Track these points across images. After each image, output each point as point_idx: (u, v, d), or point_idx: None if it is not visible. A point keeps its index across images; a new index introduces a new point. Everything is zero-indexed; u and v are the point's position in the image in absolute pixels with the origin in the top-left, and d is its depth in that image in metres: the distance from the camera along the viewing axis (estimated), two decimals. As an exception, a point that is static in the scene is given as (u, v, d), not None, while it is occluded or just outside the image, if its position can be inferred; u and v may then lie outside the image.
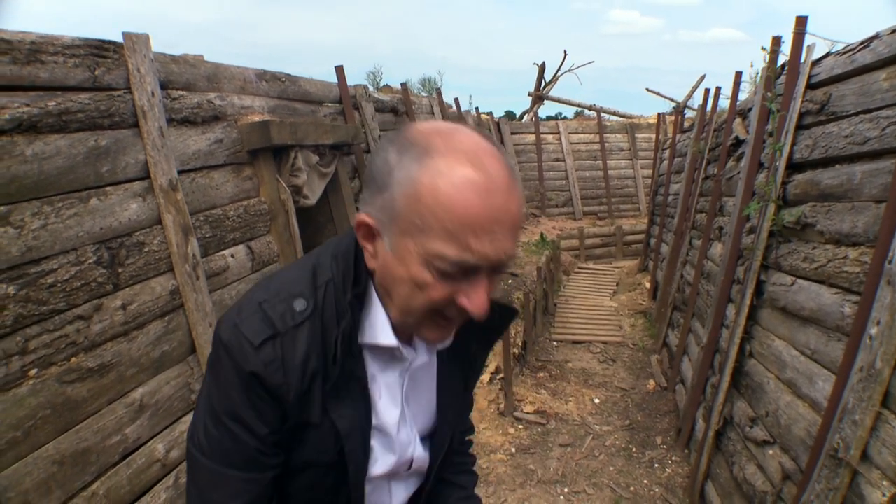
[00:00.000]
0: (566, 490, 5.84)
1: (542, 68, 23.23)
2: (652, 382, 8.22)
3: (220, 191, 4.34)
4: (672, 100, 23.27)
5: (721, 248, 6.40)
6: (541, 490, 5.86)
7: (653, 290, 11.87)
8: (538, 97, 23.33)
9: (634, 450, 6.54)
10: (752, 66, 7.45)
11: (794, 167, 4.55)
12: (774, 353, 4.33)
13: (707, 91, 9.70)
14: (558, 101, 23.34)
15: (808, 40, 4.83)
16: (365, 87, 7.76)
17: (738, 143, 6.63)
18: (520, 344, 8.32)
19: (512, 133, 19.15)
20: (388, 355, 1.51)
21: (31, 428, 2.68)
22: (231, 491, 1.41)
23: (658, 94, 23.89)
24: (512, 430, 7.01)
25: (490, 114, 17.63)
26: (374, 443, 1.53)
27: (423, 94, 12.43)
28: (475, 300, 1.30)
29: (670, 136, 13.32)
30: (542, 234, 15.06)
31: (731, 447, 4.79)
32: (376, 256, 1.38)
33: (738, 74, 7.62)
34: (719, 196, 7.10)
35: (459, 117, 13.29)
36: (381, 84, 11.23)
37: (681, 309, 8.38)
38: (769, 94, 5.02)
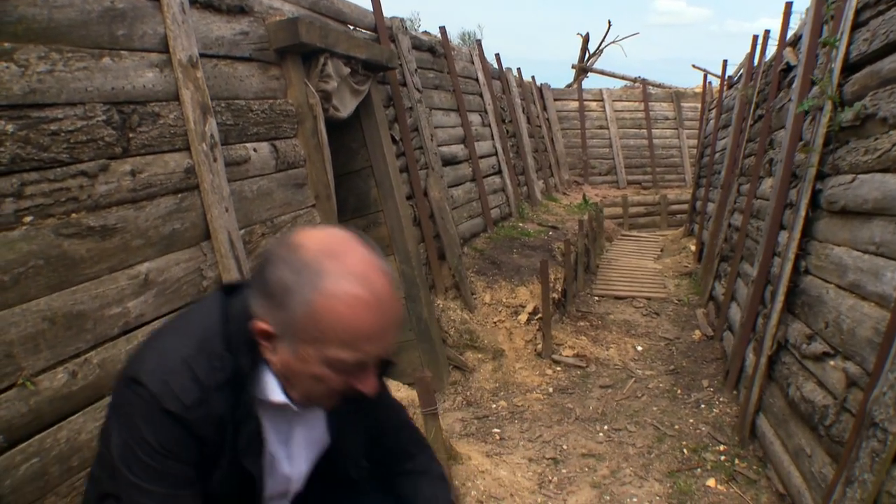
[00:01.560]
0: (606, 427, 5.58)
1: (586, 39, 22.81)
2: (698, 332, 7.91)
3: (245, 83, 4.12)
4: (718, 76, 22.74)
5: (771, 181, 6.06)
6: (579, 427, 5.60)
7: (698, 253, 11.51)
8: (581, 69, 22.92)
9: (679, 392, 6.25)
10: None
11: (850, 69, 4.25)
12: (833, 260, 4.02)
13: (755, 37, 9.29)
14: (602, 73, 22.88)
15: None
16: (402, 20, 7.50)
17: (789, 69, 6.29)
18: (559, 290, 8.04)
19: (555, 100, 18.79)
20: (277, 407, 1.71)
21: (20, 275, 2.46)
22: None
23: (705, 70, 23.33)
24: (550, 372, 6.75)
25: (532, 78, 17.21)
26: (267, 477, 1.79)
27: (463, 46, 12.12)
28: (368, 385, 1.60)
29: (716, 98, 12.93)
30: (584, 196, 14.74)
31: (786, 371, 4.48)
32: (275, 353, 1.59)
33: (789, 5, 7.25)
34: (769, 132, 6.77)
35: (501, 75, 12.98)
36: (420, 31, 10.95)
37: (727, 258, 8.04)
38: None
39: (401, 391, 4.32)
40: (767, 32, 8.68)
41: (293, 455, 1.84)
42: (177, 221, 3.30)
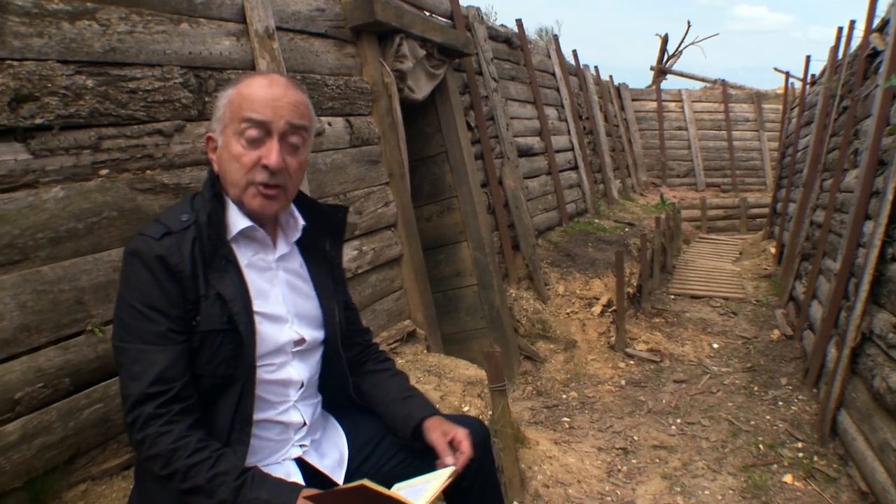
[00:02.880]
0: (679, 421, 5.45)
1: (665, 40, 22.52)
2: (777, 332, 7.70)
3: (320, 58, 4.15)
4: (800, 79, 22.20)
5: (856, 172, 5.86)
6: (651, 419, 5.49)
7: (778, 255, 11.23)
8: (660, 71, 22.62)
9: (756, 389, 6.08)
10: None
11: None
12: (925, 246, 3.86)
13: (839, 29, 9.03)
14: (682, 75, 22.54)
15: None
16: (478, 10, 7.47)
17: (875, 55, 6.08)
18: (634, 285, 7.92)
19: (633, 100, 18.58)
20: (255, 246, 2.06)
21: (94, 225, 2.52)
22: (148, 361, 1.81)
23: (787, 74, 22.81)
24: (622, 365, 6.65)
25: (610, 77, 17.04)
26: (259, 322, 1.98)
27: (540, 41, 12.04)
28: (271, 155, 1.91)
29: (798, 97, 12.63)
30: (661, 195, 14.54)
31: (870, 363, 4.31)
32: (217, 158, 2.01)
33: (876, -9, 7.02)
34: (854, 123, 6.55)
35: (578, 72, 12.87)
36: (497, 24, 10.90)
37: (809, 257, 7.82)
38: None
39: (469, 370, 4.28)
40: (853, 23, 8.42)
41: (282, 295, 2.10)
42: (250, 187, 3.32)
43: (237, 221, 1.98)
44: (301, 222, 2.16)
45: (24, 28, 2.39)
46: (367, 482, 1.71)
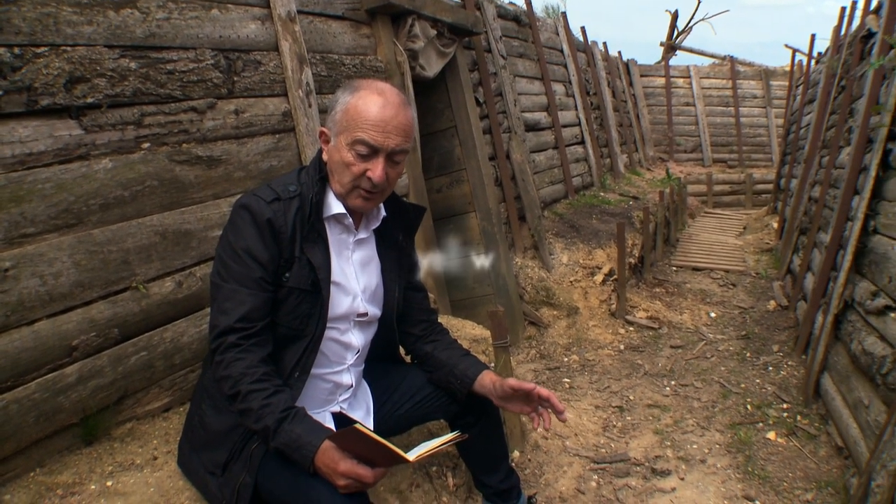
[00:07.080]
0: (673, 383, 5.75)
1: (675, 16, 22.56)
2: (773, 303, 7.96)
3: (338, 39, 4.42)
4: (811, 56, 22.22)
5: (849, 149, 6.10)
6: (647, 381, 5.79)
7: (780, 229, 11.45)
8: (670, 47, 22.69)
9: (749, 355, 6.37)
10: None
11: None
12: (900, 218, 4.12)
13: (842, 9, 9.21)
14: (691, 51, 22.63)
15: None
16: (486, -12, 7.71)
17: (871, 36, 6.31)
18: (636, 255, 8.19)
19: (641, 75, 18.75)
20: (341, 227, 2.44)
21: (138, 193, 2.82)
22: (238, 300, 2.18)
23: (794, 50, 22.84)
24: (622, 331, 6.93)
25: (619, 53, 17.20)
26: (333, 291, 2.38)
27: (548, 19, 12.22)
28: (376, 171, 2.24)
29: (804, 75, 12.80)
30: (667, 170, 14.75)
31: (850, 328, 4.59)
32: (327, 153, 2.35)
33: (875, -27, 7.21)
34: (850, 101, 6.78)
35: (586, 48, 13.07)
36: (505, 2, 11.08)
37: (806, 231, 8.06)
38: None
39: (475, 329, 4.62)
40: (854, 2, 8.60)
41: (354, 272, 2.50)
42: (274, 159, 3.62)
43: (333, 205, 2.36)
44: (382, 214, 2.54)
45: (76, 17, 2.67)
46: (358, 426, 1.92)
